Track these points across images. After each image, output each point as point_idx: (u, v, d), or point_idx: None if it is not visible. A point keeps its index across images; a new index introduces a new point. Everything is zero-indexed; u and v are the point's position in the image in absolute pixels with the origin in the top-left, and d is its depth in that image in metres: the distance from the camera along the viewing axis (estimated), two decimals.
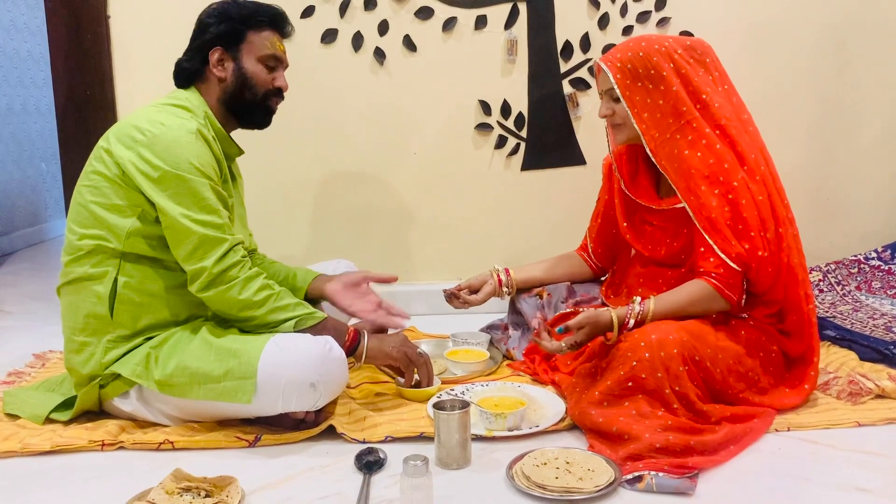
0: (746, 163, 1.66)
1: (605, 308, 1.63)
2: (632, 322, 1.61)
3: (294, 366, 1.49)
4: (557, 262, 2.08)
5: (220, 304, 1.59)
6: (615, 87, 1.70)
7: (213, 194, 1.58)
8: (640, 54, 1.69)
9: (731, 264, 1.62)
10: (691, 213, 1.66)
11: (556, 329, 1.61)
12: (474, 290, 2.00)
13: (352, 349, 1.64)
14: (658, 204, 1.80)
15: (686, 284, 1.67)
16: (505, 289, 2.02)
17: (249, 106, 1.73)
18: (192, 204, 1.55)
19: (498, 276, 2.01)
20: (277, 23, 1.75)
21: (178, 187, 1.54)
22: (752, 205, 1.63)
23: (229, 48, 1.70)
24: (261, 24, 1.71)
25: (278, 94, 1.76)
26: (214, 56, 1.70)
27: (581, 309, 1.91)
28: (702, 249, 1.66)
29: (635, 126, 1.71)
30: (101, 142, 1.63)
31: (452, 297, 1.99)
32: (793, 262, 1.67)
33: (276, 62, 1.74)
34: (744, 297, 1.69)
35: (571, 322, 1.61)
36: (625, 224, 1.90)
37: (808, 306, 1.69)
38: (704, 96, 1.68)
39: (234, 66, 1.70)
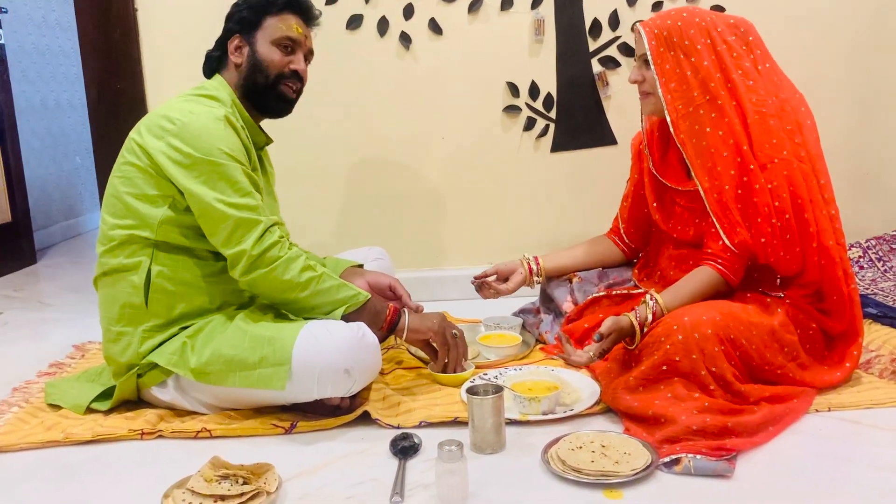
0: (765, 146, 1.63)
1: (624, 314, 1.62)
2: (650, 319, 1.60)
3: (328, 352, 1.49)
4: (588, 247, 2.06)
5: (263, 286, 1.59)
6: (647, 52, 1.69)
7: (245, 178, 1.58)
8: (679, 24, 1.68)
9: (734, 250, 1.63)
10: (702, 193, 1.67)
11: (594, 337, 1.60)
12: (502, 278, 2.00)
13: (392, 324, 1.64)
14: (685, 185, 1.77)
15: (693, 274, 1.68)
16: (535, 278, 2.01)
17: (263, 90, 1.72)
18: (226, 188, 1.56)
19: (528, 265, 1.99)
20: (296, 5, 1.73)
21: (210, 173, 1.55)
22: (764, 190, 1.61)
23: (246, 34, 1.71)
24: (279, 9, 1.71)
25: (294, 77, 1.74)
26: (233, 43, 1.71)
27: (614, 291, 1.90)
28: (712, 230, 1.67)
29: (661, 95, 1.69)
30: (133, 133, 1.65)
31: (483, 286, 1.98)
32: (826, 243, 1.63)
33: (291, 43, 1.72)
34: (777, 279, 1.68)
35: (603, 330, 1.60)
36: (654, 204, 1.88)
37: (849, 286, 1.65)
38: (736, 74, 1.65)
39: (248, 51, 1.71)
